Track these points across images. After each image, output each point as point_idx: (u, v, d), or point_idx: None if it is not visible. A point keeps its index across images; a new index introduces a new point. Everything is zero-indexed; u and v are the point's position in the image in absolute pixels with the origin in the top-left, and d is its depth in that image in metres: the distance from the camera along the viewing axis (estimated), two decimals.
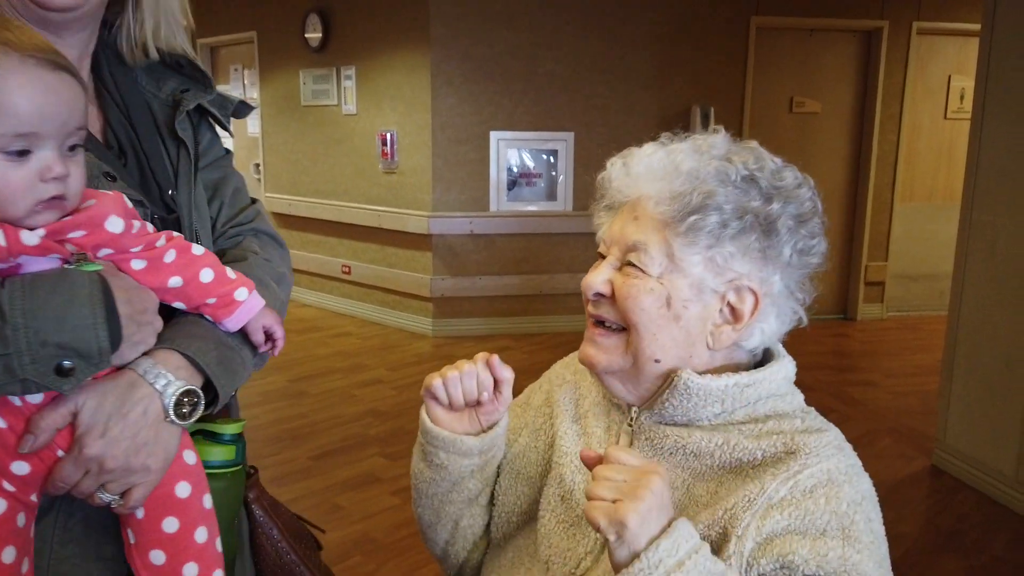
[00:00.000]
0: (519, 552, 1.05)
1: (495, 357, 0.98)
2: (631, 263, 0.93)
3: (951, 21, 5.52)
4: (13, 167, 0.75)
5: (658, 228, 0.91)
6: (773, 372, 0.93)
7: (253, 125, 6.34)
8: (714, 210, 0.88)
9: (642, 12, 5.09)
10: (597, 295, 0.95)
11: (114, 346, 0.79)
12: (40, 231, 0.76)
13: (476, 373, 0.98)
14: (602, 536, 0.74)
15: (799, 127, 5.61)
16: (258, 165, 6.37)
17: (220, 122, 1.12)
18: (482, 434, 1.01)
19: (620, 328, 0.95)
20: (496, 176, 5.14)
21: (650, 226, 0.91)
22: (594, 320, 0.97)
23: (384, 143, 5.28)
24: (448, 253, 5.20)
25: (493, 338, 5.18)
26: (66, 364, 0.75)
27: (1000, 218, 3.07)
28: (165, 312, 0.90)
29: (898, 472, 3.35)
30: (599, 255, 0.99)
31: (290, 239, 6.06)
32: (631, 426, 0.98)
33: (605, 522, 0.73)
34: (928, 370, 4.51)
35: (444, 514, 1.07)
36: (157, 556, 0.86)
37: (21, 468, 0.80)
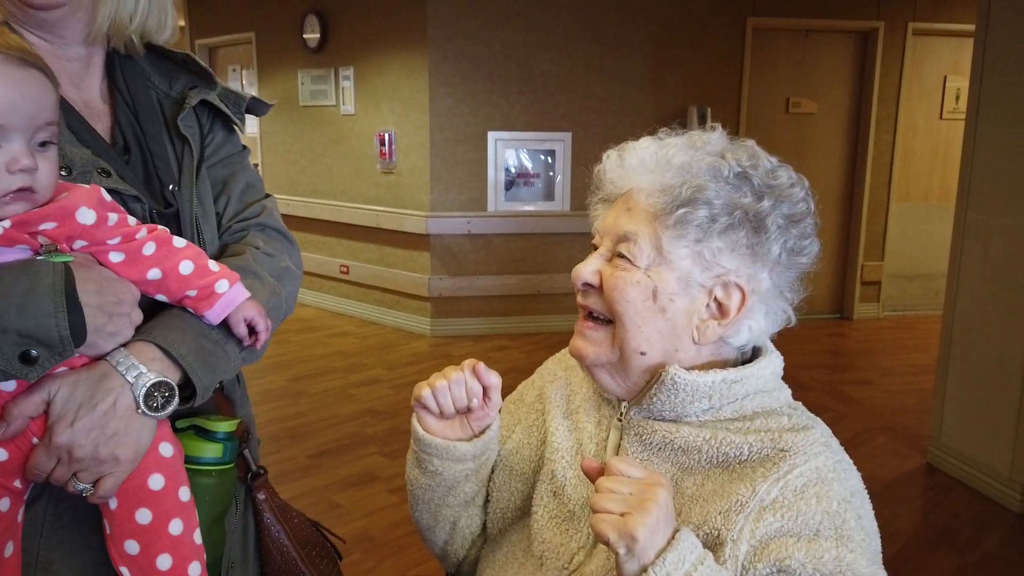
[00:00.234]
0: (513, 547, 1.06)
1: (481, 364, 0.98)
2: (621, 254, 0.93)
3: (946, 22, 5.55)
4: None
5: (648, 220, 0.91)
6: (760, 368, 0.94)
7: (251, 125, 6.35)
8: (703, 204, 0.88)
9: (639, 13, 5.11)
10: (586, 285, 0.96)
11: (77, 336, 0.80)
12: (6, 222, 0.78)
13: (464, 380, 0.98)
14: (611, 549, 0.75)
15: (795, 127, 5.64)
16: (257, 165, 6.38)
17: (230, 118, 1.13)
18: (474, 439, 1.02)
19: (608, 321, 0.95)
20: (494, 176, 5.16)
21: (641, 218, 0.92)
22: (584, 312, 0.98)
23: (382, 143, 5.29)
24: (446, 253, 5.22)
25: (491, 338, 5.20)
26: (32, 353, 0.77)
27: (994, 218, 3.09)
28: (152, 307, 0.91)
29: (893, 470, 3.38)
30: (592, 246, 0.99)
31: None
32: (621, 421, 0.99)
33: (615, 536, 0.74)
34: (924, 369, 4.54)
35: (441, 517, 1.08)
36: (131, 546, 0.87)
37: None
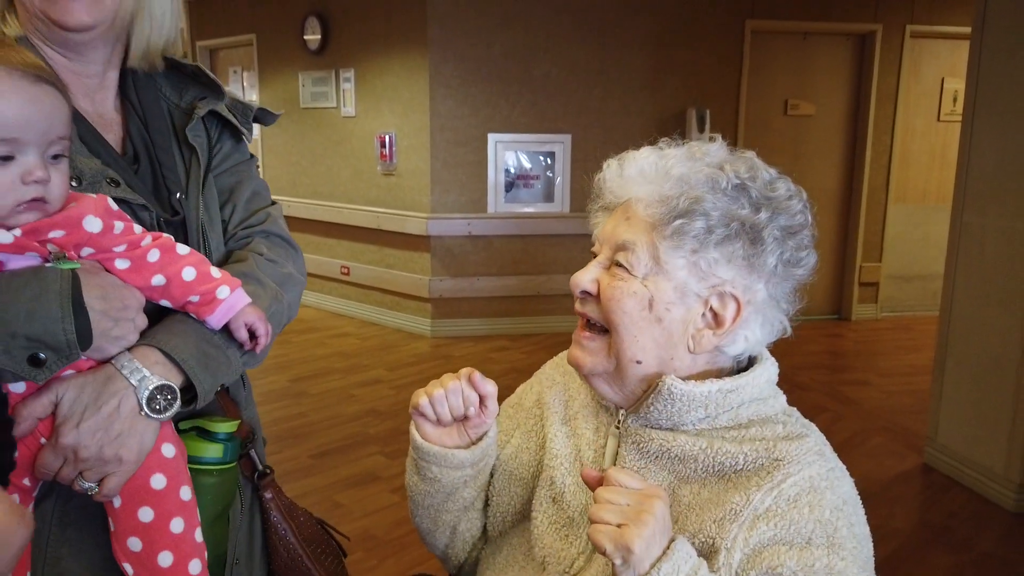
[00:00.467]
0: (514, 550, 1.07)
1: (476, 373, 0.99)
2: (619, 263, 0.94)
3: (944, 24, 5.57)
4: None
5: (646, 230, 0.92)
6: (755, 377, 0.95)
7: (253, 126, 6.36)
8: (700, 215, 0.89)
9: (638, 15, 5.13)
10: (584, 293, 0.97)
11: (83, 340, 0.83)
12: (16, 230, 0.81)
13: (461, 389, 0.99)
14: (608, 560, 0.77)
15: (794, 129, 5.66)
16: (257, 167, 6.39)
17: (238, 128, 1.16)
18: (472, 446, 1.03)
19: (605, 330, 0.96)
20: (494, 178, 5.18)
21: (639, 227, 0.93)
22: (582, 320, 0.99)
23: (383, 145, 5.32)
24: (446, 254, 5.24)
25: (491, 338, 5.22)
26: (40, 356, 0.80)
27: (989, 219, 3.12)
28: (158, 313, 0.94)
29: (890, 470, 3.40)
30: (592, 254, 1.00)
31: None
32: (618, 428, 0.99)
33: (611, 547, 0.76)
34: (921, 370, 4.56)
35: (441, 522, 1.09)
36: (134, 543, 0.90)
37: None
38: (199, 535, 0.94)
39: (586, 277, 0.97)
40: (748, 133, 5.49)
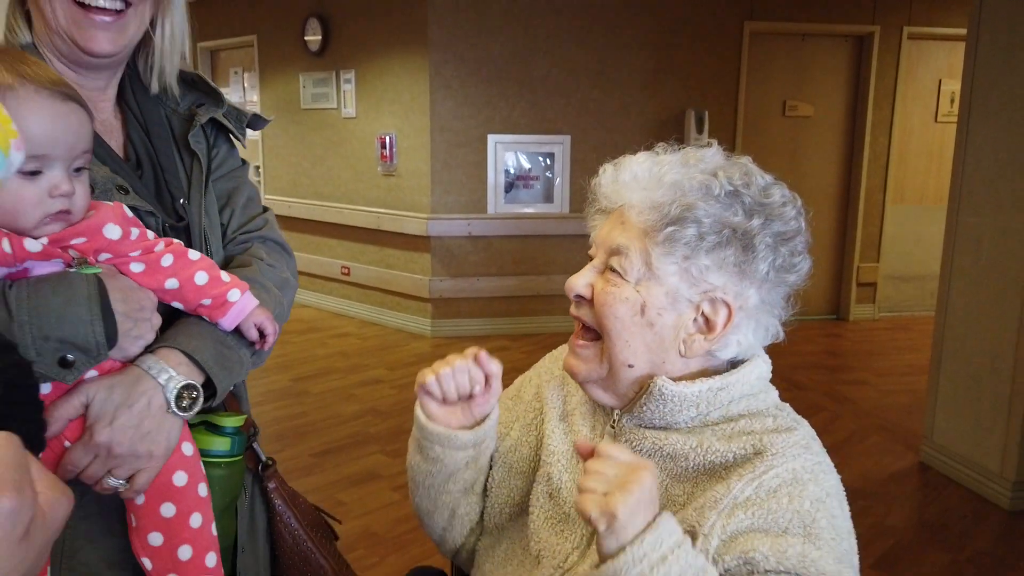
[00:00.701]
0: (513, 544, 1.08)
1: (483, 352, 1.01)
2: (612, 268, 0.96)
3: (941, 26, 5.60)
4: (26, 184, 0.84)
5: (639, 236, 0.94)
6: (746, 374, 0.96)
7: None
8: (692, 223, 0.90)
9: (637, 17, 5.16)
10: (578, 297, 0.99)
11: (110, 341, 0.87)
12: (43, 239, 0.85)
13: (467, 368, 1.01)
14: (592, 526, 0.77)
15: (792, 130, 5.69)
16: (258, 168, 6.43)
17: (235, 135, 1.20)
18: (475, 427, 1.04)
19: (599, 336, 0.98)
20: (494, 179, 5.21)
21: (633, 233, 0.94)
22: (577, 325, 1.01)
23: (383, 146, 5.34)
24: (446, 255, 5.27)
25: (491, 338, 5.25)
26: (69, 357, 0.84)
27: (985, 219, 3.14)
28: (169, 313, 0.98)
29: (887, 468, 3.42)
30: (589, 257, 1.02)
31: (290, 241, 6.02)
32: (613, 428, 1.01)
33: (596, 513, 0.76)
34: (918, 369, 4.59)
35: (441, 503, 1.11)
36: (155, 538, 0.94)
37: None
38: (214, 528, 0.98)
39: (580, 281, 0.99)
40: (746, 134, 5.52)
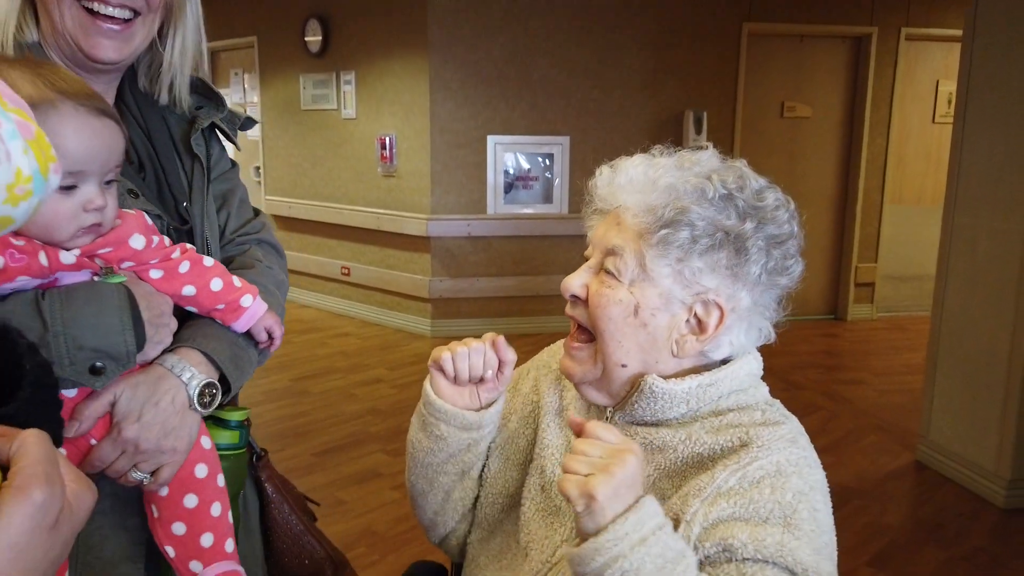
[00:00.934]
0: (508, 538, 1.09)
1: (501, 338, 1.03)
2: (607, 270, 0.97)
3: (939, 27, 5.63)
4: (62, 199, 0.86)
5: (634, 237, 0.95)
6: (735, 370, 0.97)
7: (253, 129, 6.40)
8: (685, 226, 0.91)
9: (636, 18, 5.19)
10: (574, 297, 1.01)
11: (139, 348, 0.91)
12: (76, 250, 0.88)
13: (483, 351, 1.03)
14: (572, 507, 0.78)
15: (790, 131, 5.72)
16: (258, 168, 6.45)
17: (229, 137, 1.23)
18: (481, 411, 1.06)
19: (592, 338, 1.00)
20: (493, 179, 5.23)
21: (628, 234, 0.96)
22: (573, 325, 1.03)
23: (383, 147, 5.36)
24: (446, 255, 5.29)
25: None
26: (99, 365, 0.88)
27: (981, 220, 3.17)
28: (180, 313, 1.02)
29: (884, 467, 3.45)
30: (586, 257, 1.03)
31: (290, 241, 6.14)
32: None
33: (576, 493, 0.76)
34: (915, 369, 4.61)
35: (437, 484, 1.11)
36: (178, 528, 0.98)
37: None
38: (231, 516, 1.03)
39: (576, 282, 1.01)
40: (745, 134, 5.54)
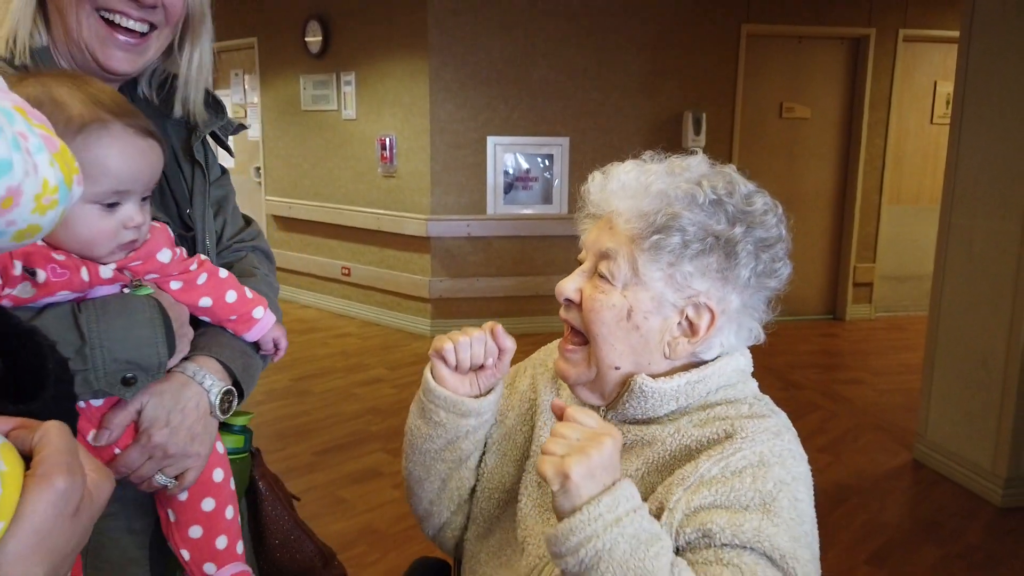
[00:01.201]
0: (506, 534, 1.10)
1: (499, 327, 1.06)
2: (601, 274, 0.99)
3: (936, 28, 5.65)
4: (104, 217, 0.88)
5: (626, 242, 0.97)
6: (722, 366, 0.99)
7: (253, 130, 6.43)
8: (677, 231, 0.94)
9: (635, 20, 5.21)
10: (568, 300, 1.03)
11: (170, 358, 0.94)
12: (112, 265, 0.91)
13: (484, 339, 1.05)
14: (548, 486, 0.79)
15: (789, 132, 5.74)
16: (259, 169, 6.47)
17: (223, 144, 1.24)
18: (480, 398, 1.08)
19: (586, 341, 1.02)
20: (493, 180, 5.25)
21: (621, 238, 0.98)
22: (567, 328, 1.05)
23: (383, 147, 5.38)
24: (446, 255, 5.31)
25: None
26: (130, 376, 0.90)
27: (977, 221, 3.19)
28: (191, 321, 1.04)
29: (881, 466, 3.47)
30: (578, 261, 1.06)
31: (290, 242, 6.16)
32: None
33: (552, 472, 0.78)
34: (913, 368, 4.62)
35: (434, 471, 1.12)
36: (195, 531, 1.00)
37: None
38: (239, 519, 1.05)
39: (570, 286, 1.02)
40: (743, 136, 5.57)
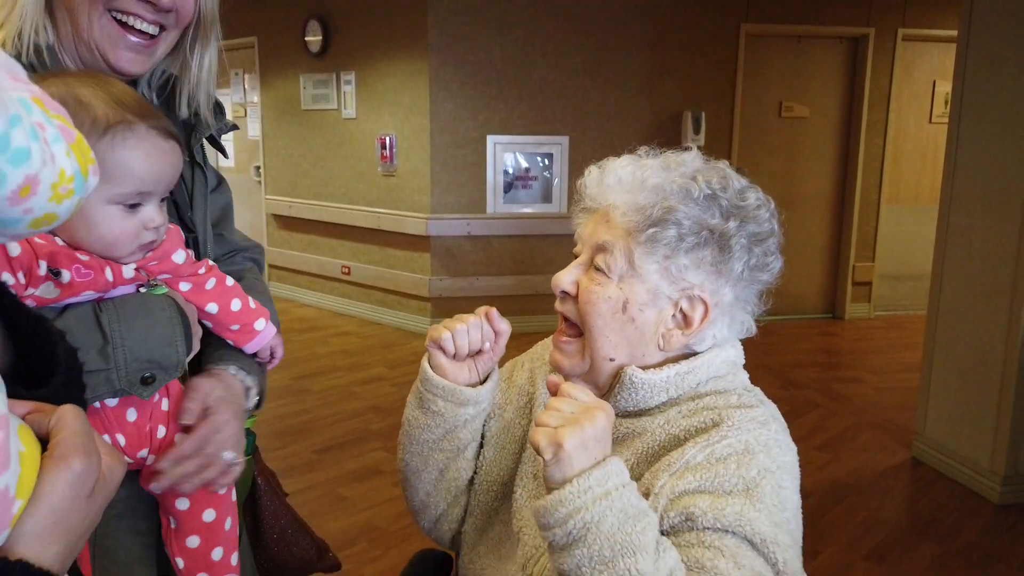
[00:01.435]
0: (504, 526, 1.11)
1: (494, 310, 1.06)
2: (597, 267, 1.00)
3: (935, 28, 5.66)
4: (127, 217, 0.89)
5: (623, 235, 0.99)
6: (711, 357, 1.01)
7: (254, 129, 6.45)
8: (673, 224, 0.95)
9: (634, 19, 5.22)
10: (563, 293, 1.04)
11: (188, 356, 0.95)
12: (133, 265, 0.92)
13: (480, 325, 1.06)
14: (541, 457, 0.81)
15: (788, 131, 5.75)
16: (259, 168, 6.48)
17: (218, 145, 1.23)
18: (478, 386, 1.09)
19: (581, 333, 1.03)
20: (493, 179, 5.26)
21: (617, 232, 0.99)
22: (562, 320, 1.06)
23: (383, 147, 5.39)
24: (446, 254, 5.32)
25: None
26: (149, 375, 0.91)
27: (975, 219, 3.20)
28: None
29: (880, 464, 3.48)
30: (574, 255, 1.06)
31: (290, 241, 6.17)
32: None
33: (545, 442, 0.80)
34: (912, 367, 4.63)
35: (432, 461, 1.13)
36: (193, 541, 1.00)
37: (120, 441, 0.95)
38: (237, 530, 1.05)
39: (566, 278, 1.03)
40: (743, 135, 5.58)
